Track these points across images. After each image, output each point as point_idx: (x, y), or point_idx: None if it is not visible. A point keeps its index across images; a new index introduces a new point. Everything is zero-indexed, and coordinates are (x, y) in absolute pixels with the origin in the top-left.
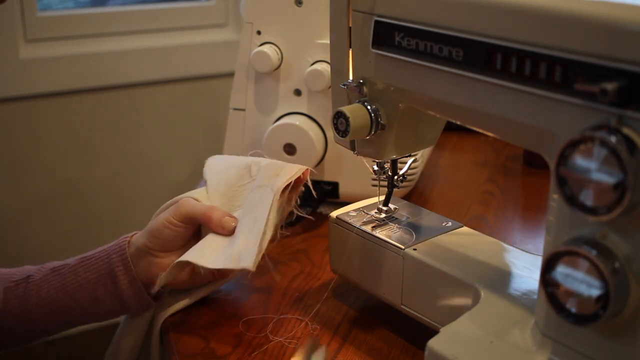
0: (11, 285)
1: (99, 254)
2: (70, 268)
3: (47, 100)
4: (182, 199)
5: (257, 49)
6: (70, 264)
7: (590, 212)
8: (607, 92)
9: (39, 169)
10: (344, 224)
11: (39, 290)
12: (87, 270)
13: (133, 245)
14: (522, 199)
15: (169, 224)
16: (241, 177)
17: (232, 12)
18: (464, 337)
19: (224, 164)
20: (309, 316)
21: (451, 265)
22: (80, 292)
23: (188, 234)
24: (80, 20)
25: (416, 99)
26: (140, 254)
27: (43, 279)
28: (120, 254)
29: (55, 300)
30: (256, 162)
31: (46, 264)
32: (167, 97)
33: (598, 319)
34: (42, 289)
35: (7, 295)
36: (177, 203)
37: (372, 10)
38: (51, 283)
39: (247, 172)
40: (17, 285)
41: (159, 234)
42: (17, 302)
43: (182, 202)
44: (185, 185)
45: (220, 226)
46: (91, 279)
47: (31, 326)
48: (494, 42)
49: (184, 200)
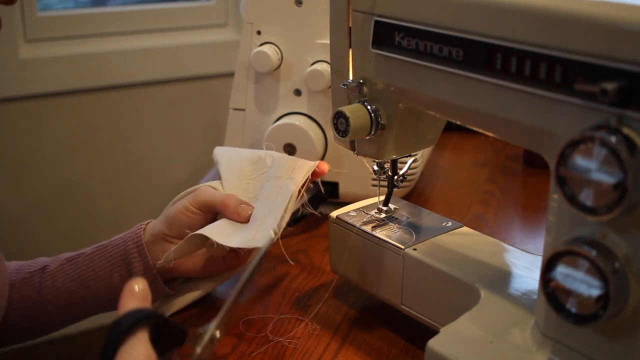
0: (27, 276)
1: (116, 241)
2: (86, 257)
3: (47, 100)
4: (200, 187)
5: (257, 49)
6: (87, 253)
7: (590, 212)
8: (607, 92)
9: (39, 169)
10: (344, 224)
11: (54, 281)
12: (102, 257)
13: (148, 232)
14: (522, 199)
15: (187, 210)
16: (254, 169)
17: (232, 12)
18: (464, 337)
19: (235, 156)
20: (309, 316)
21: (451, 265)
22: (95, 281)
23: (205, 221)
24: (80, 20)
25: (416, 99)
26: (156, 239)
27: (58, 269)
28: (136, 241)
29: (70, 290)
30: (269, 154)
31: (61, 254)
32: (167, 97)
33: (598, 319)
34: (57, 279)
35: (24, 286)
36: (195, 192)
37: (372, 10)
38: (66, 273)
39: (261, 164)
40: (32, 276)
41: (176, 220)
42: (34, 293)
43: (200, 189)
44: (185, 185)
45: (237, 213)
46: (106, 266)
47: (48, 317)
48: (494, 42)
49: (202, 188)
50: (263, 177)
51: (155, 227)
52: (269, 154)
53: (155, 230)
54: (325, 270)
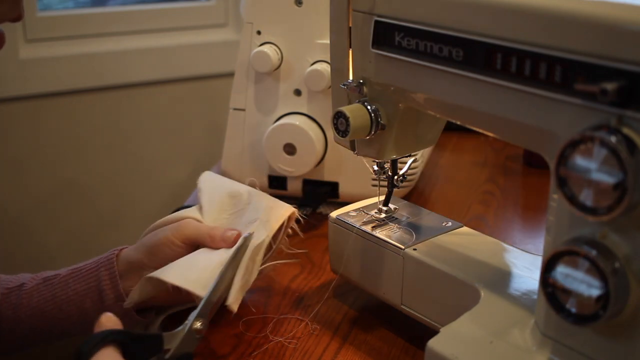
0: (5, 292)
1: (89, 265)
2: (61, 279)
3: (47, 100)
4: (185, 220)
5: (257, 49)
6: (62, 275)
7: (590, 212)
8: (607, 92)
9: (39, 169)
10: (343, 224)
11: (30, 300)
12: (76, 281)
13: (123, 260)
14: (522, 199)
15: (171, 243)
16: (233, 204)
17: (232, 12)
18: (464, 337)
19: (217, 187)
20: (309, 316)
21: (451, 265)
22: (68, 304)
23: (187, 254)
24: (80, 20)
25: (416, 99)
26: (133, 268)
27: (35, 288)
28: (109, 268)
29: (44, 311)
30: (249, 192)
31: (41, 272)
32: (167, 97)
33: (598, 319)
34: (33, 298)
35: (1, 302)
36: (179, 223)
37: (372, 10)
38: (42, 293)
39: (239, 200)
40: (10, 293)
41: (159, 252)
42: (9, 310)
43: (184, 223)
44: (185, 185)
45: (223, 240)
46: (79, 291)
47: (22, 335)
48: (494, 42)
49: (186, 221)
50: (239, 213)
51: (133, 256)
52: (250, 191)
53: (132, 259)
54: (325, 270)
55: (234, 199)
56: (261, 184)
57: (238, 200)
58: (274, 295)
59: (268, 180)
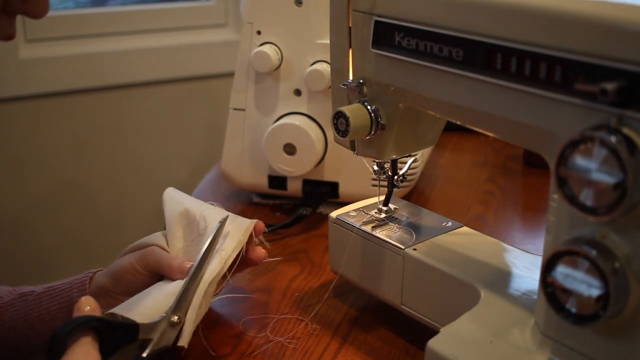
0: None
1: (63, 285)
2: (35, 296)
3: (47, 100)
4: (150, 248)
5: (257, 49)
6: (37, 292)
7: (590, 212)
8: (607, 92)
9: (39, 169)
10: (343, 224)
11: (2, 315)
12: (49, 300)
13: (94, 283)
14: (522, 199)
15: (134, 270)
16: (190, 230)
17: (232, 12)
18: (464, 337)
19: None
20: (309, 316)
21: (451, 265)
22: (40, 323)
23: (151, 281)
24: (80, 20)
25: (416, 99)
26: (100, 293)
27: (10, 303)
28: (81, 290)
29: (16, 328)
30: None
31: (19, 287)
32: (167, 97)
33: (598, 319)
34: (6, 314)
35: None
36: (144, 251)
37: (372, 10)
38: (16, 309)
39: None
40: None
41: (122, 278)
42: None
43: (149, 250)
44: (185, 185)
45: (180, 271)
46: (52, 310)
47: None
48: (494, 42)
49: (151, 248)
50: (197, 240)
51: (100, 281)
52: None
53: (100, 284)
54: (325, 270)
55: (190, 224)
56: (261, 183)
57: (195, 227)
58: (274, 295)
59: (268, 180)
